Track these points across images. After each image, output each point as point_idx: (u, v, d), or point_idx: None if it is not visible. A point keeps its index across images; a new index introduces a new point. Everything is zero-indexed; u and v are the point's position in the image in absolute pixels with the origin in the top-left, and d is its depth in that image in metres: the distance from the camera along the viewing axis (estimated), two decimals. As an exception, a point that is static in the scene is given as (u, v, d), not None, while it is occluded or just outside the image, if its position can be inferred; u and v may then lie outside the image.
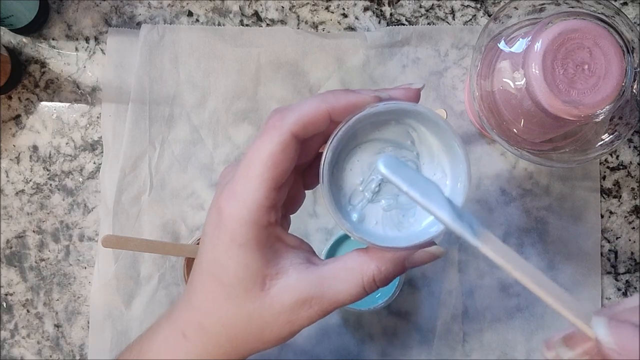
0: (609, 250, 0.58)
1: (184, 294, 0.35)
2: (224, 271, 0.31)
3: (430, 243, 0.31)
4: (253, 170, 0.30)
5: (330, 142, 0.31)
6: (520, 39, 0.46)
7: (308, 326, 0.32)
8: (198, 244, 0.54)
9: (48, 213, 0.59)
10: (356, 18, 0.59)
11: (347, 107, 0.30)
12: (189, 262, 0.54)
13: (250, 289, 0.31)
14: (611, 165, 0.58)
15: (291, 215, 0.36)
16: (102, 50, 0.59)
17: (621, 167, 0.58)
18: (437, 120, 0.31)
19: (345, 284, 0.31)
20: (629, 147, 0.58)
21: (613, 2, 0.51)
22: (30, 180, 0.59)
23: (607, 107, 0.43)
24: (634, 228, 0.58)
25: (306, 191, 0.37)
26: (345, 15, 0.59)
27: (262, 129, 0.31)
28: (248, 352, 0.33)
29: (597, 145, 0.49)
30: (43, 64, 0.59)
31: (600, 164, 0.58)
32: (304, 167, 0.34)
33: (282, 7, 0.59)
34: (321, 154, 0.31)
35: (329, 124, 0.31)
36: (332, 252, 0.54)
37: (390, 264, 0.32)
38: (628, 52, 0.43)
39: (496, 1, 0.59)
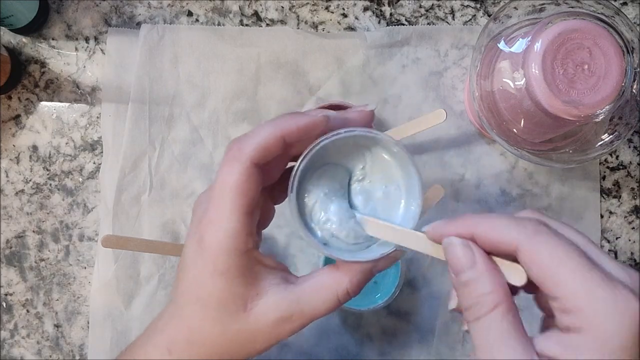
0: (609, 250, 0.58)
1: (169, 308, 0.36)
2: (208, 295, 0.33)
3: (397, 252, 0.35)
4: (225, 201, 0.32)
5: (295, 173, 0.33)
6: (520, 39, 0.46)
7: (291, 336, 0.34)
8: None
9: (48, 213, 0.59)
10: (356, 18, 0.59)
11: (299, 130, 0.33)
12: (189, 262, 0.54)
13: (234, 310, 0.33)
14: (611, 165, 0.58)
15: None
16: (102, 50, 0.59)
17: (621, 167, 0.58)
18: (393, 147, 0.34)
19: (322, 300, 0.34)
20: (629, 147, 0.58)
21: (613, 2, 0.51)
22: (30, 180, 0.59)
23: (607, 107, 0.43)
24: (633, 228, 0.58)
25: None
26: (345, 15, 0.59)
27: (223, 161, 0.33)
28: None
29: (597, 145, 0.49)
30: (43, 64, 0.59)
31: (600, 164, 0.58)
32: (270, 184, 0.36)
33: (282, 7, 0.59)
34: (288, 169, 0.34)
35: (284, 146, 0.33)
36: (329, 258, 0.54)
37: (360, 275, 0.34)
38: (628, 52, 0.43)
39: (496, 1, 0.59)
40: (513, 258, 0.30)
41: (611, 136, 0.49)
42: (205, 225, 0.33)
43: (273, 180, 0.36)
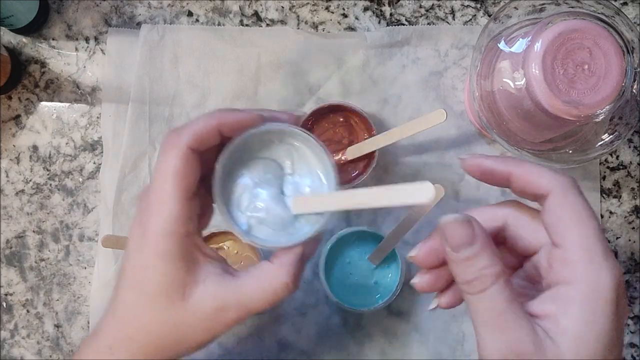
0: (609, 250, 0.58)
1: (108, 306, 0.36)
2: (147, 281, 0.33)
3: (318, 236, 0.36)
4: (165, 186, 0.33)
5: (219, 160, 0.35)
6: (520, 39, 0.46)
7: (226, 332, 0.35)
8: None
9: (48, 213, 0.59)
10: (356, 18, 0.59)
11: (234, 123, 0.34)
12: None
13: (172, 297, 0.33)
14: (611, 165, 0.58)
15: None
16: (102, 50, 0.59)
17: (621, 167, 0.58)
18: (305, 136, 0.37)
19: (261, 293, 0.34)
20: (629, 147, 0.58)
21: (613, 2, 0.51)
22: (30, 180, 0.59)
23: (607, 107, 0.43)
24: (634, 228, 0.58)
25: None
26: (345, 15, 0.59)
27: (161, 149, 0.34)
28: (173, 358, 0.36)
29: (597, 145, 0.49)
30: (43, 64, 0.59)
31: (600, 164, 0.58)
32: (209, 181, 0.37)
33: (282, 7, 0.59)
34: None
35: (220, 137, 0.34)
36: (332, 253, 0.54)
37: (295, 265, 0.35)
38: (628, 52, 0.43)
39: (496, 1, 0.59)
40: (534, 200, 0.32)
41: (611, 136, 0.49)
42: (145, 212, 0.34)
43: (210, 171, 0.36)
